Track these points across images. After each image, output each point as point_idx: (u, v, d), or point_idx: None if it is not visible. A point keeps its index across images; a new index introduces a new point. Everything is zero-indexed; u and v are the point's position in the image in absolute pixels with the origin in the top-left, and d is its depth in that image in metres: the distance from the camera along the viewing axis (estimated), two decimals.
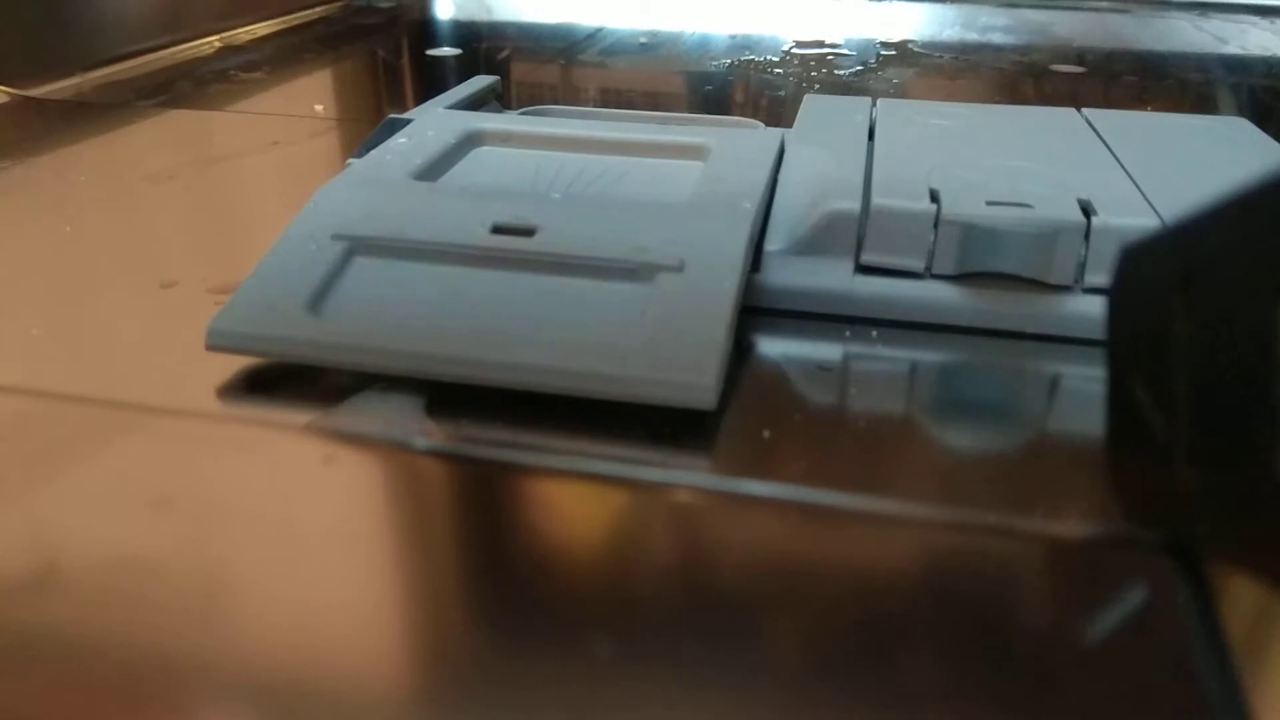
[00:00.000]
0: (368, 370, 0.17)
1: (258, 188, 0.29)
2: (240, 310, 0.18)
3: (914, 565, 0.14)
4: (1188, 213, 0.12)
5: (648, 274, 0.18)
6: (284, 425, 0.17)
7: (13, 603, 0.13)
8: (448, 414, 0.17)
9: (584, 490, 0.16)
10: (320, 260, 0.18)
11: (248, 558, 0.14)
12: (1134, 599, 0.13)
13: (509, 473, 0.16)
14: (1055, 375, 0.19)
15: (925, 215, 0.19)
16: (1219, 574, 0.14)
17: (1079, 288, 0.19)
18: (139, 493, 0.15)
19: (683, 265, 0.18)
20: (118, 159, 0.31)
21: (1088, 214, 0.19)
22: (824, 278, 0.20)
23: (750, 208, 0.20)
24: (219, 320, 0.17)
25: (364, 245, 0.19)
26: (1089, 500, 0.15)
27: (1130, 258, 0.14)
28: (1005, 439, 0.17)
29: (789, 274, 0.20)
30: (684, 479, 0.16)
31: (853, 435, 0.17)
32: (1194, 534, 0.13)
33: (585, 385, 0.16)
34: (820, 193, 0.20)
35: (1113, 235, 0.18)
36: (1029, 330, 0.20)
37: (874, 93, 0.39)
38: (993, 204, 0.19)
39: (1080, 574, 0.14)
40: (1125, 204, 0.20)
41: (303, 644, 0.13)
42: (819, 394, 0.18)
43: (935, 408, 0.18)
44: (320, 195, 0.20)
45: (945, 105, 0.26)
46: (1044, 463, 0.17)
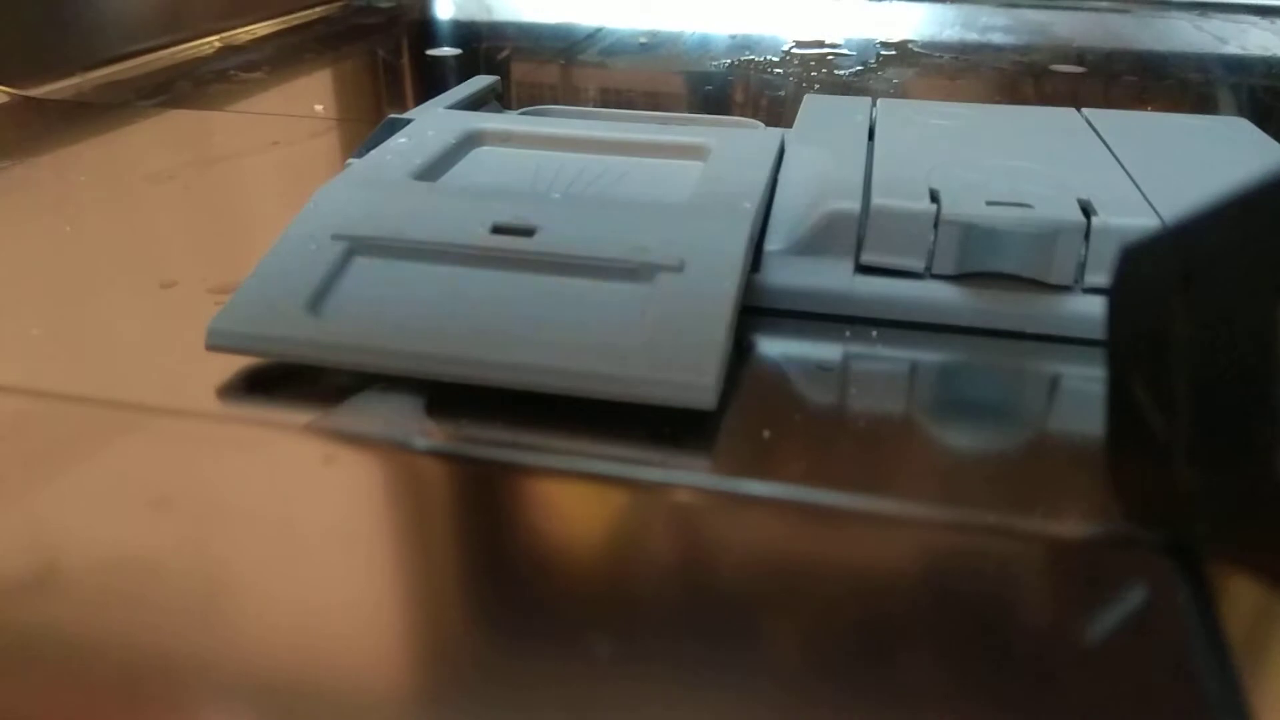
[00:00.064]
0: (368, 370, 0.17)
1: (258, 188, 0.29)
2: (240, 310, 0.18)
3: (914, 565, 0.14)
4: (1188, 213, 0.12)
5: (648, 274, 0.18)
6: (284, 425, 0.17)
7: (13, 603, 0.13)
8: (448, 414, 0.17)
9: (584, 490, 0.16)
10: (320, 260, 0.19)
11: (248, 558, 0.14)
12: (1134, 599, 0.13)
13: (509, 473, 0.16)
14: (1055, 375, 0.19)
15: (925, 215, 0.19)
16: (1219, 574, 0.14)
17: (1079, 288, 0.19)
18: (139, 493, 0.15)
19: (683, 265, 0.18)
20: (118, 159, 0.31)
21: (1088, 214, 0.19)
22: (824, 278, 0.20)
23: (750, 208, 0.20)
24: (219, 320, 0.17)
25: (364, 245, 0.19)
26: (1089, 500, 0.15)
27: (1130, 258, 0.14)
28: (1005, 439, 0.17)
29: (789, 274, 0.20)
30: (684, 479, 0.16)
31: (853, 435, 0.17)
32: (1194, 534, 0.13)
33: (585, 385, 0.16)
34: (820, 193, 0.20)
35: (1113, 235, 0.18)
36: (1029, 330, 0.20)
37: (874, 93, 0.39)
38: (993, 204, 0.19)
39: (1080, 574, 0.14)
40: (1125, 204, 0.20)
41: (303, 644, 0.13)
42: (819, 394, 0.18)
43: (935, 408, 0.18)
44: (320, 195, 0.20)
45: (945, 105, 0.26)
46: (1044, 463, 0.17)
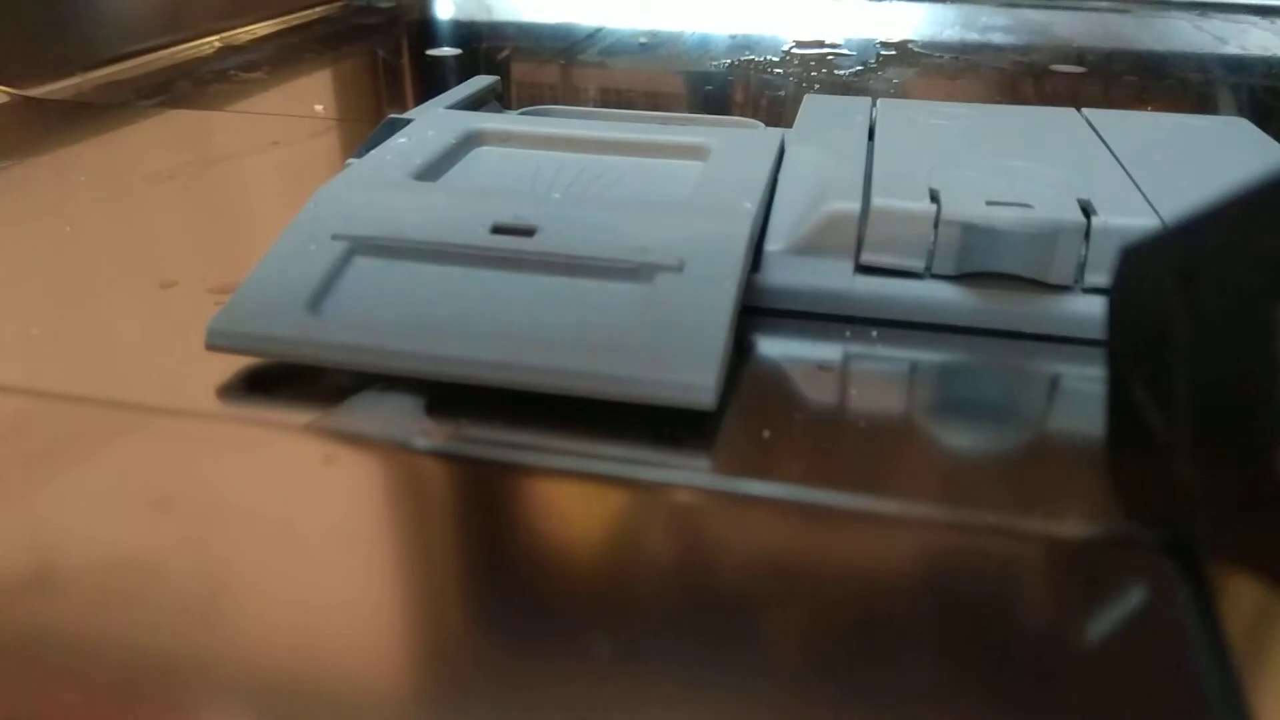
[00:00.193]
0: (368, 370, 0.17)
1: (258, 188, 0.29)
2: (240, 310, 0.18)
3: (914, 565, 0.14)
4: (1188, 213, 0.12)
5: (648, 274, 0.18)
6: (284, 425, 0.17)
7: (13, 603, 0.13)
8: (448, 414, 0.17)
9: (584, 490, 0.16)
10: (320, 260, 0.19)
11: (248, 558, 0.14)
12: (1134, 599, 0.13)
13: (509, 473, 0.16)
14: (1055, 375, 0.19)
15: (925, 215, 0.19)
16: (1219, 574, 0.14)
17: (1079, 288, 0.19)
18: (139, 493, 0.15)
19: (683, 265, 0.18)
20: (118, 159, 0.31)
21: (1088, 214, 0.19)
22: (824, 278, 0.20)
23: (750, 208, 0.20)
24: (219, 320, 0.17)
25: (364, 245, 0.19)
26: (1089, 500, 0.15)
27: (1130, 258, 0.14)
28: (1005, 439, 0.17)
29: (789, 274, 0.20)
30: (684, 479, 0.16)
31: (853, 435, 0.17)
32: (1194, 534, 0.13)
33: (585, 385, 0.16)
34: (820, 193, 0.20)
35: (1113, 235, 0.18)
36: (1029, 330, 0.20)
37: (874, 93, 0.39)
38: (993, 204, 0.19)
39: (1080, 574, 0.14)
40: (1125, 204, 0.20)
41: (303, 644, 0.13)
42: (819, 394, 0.18)
43: (935, 408, 0.18)
44: (320, 195, 0.20)
45: (945, 105, 0.26)
46: (1044, 463, 0.17)
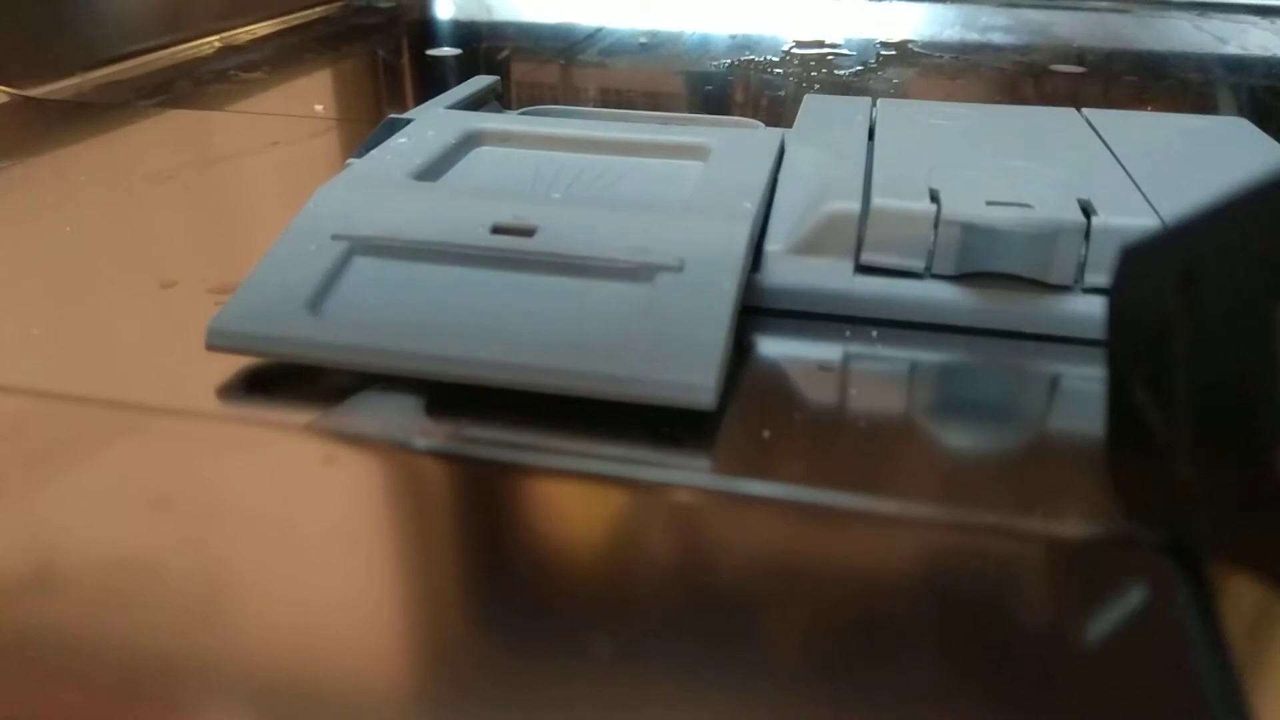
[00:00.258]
0: (368, 370, 0.17)
1: (258, 188, 0.29)
2: (240, 310, 0.18)
3: (914, 565, 0.14)
4: (1188, 213, 0.12)
5: (648, 274, 0.18)
6: (284, 425, 0.17)
7: (13, 603, 0.13)
8: (448, 414, 0.17)
9: (584, 490, 0.16)
10: (320, 260, 0.19)
11: (248, 558, 0.14)
12: (1134, 599, 0.13)
13: (509, 473, 0.16)
14: (1055, 375, 0.19)
15: (925, 215, 0.19)
16: (1219, 574, 0.14)
17: (1079, 288, 0.19)
18: (139, 493, 0.15)
19: (683, 265, 0.18)
20: (118, 159, 0.31)
21: (1088, 214, 0.19)
22: (824, 278, 0.20)
23: (750, 208, 0.20)
24: (219, 320, 0.17)
25: (364, 245, 0.19)
26: (1089, 500, 0.15)
27: (1130, 258, 0.14)
28: (1005, 439, 0.17)
29: (789, 274, 0.20)
30: (684, 479, 0.16)
31: (853, 435, 0.17)
32: (1194, 534, 0.13)
33: (585, 385, 0.16)
34: (820, 193, 0.20)
35: (1113, 235, 0.18)
36: (1029, 330, 0.20)
37: (874, 93, 0.39)
38: (993, 204, 0.19)
39: (1080, 574, 0.14)
40: (1125, 204, 0.20)
41: (303, 644, 0.13)
42: (819, 394, 0.18)
43: (935, 408, 0.18)
44: (320, 195, 0.20)
45: (945, 105, 0.26)
46: (1044, 463, 0.17)
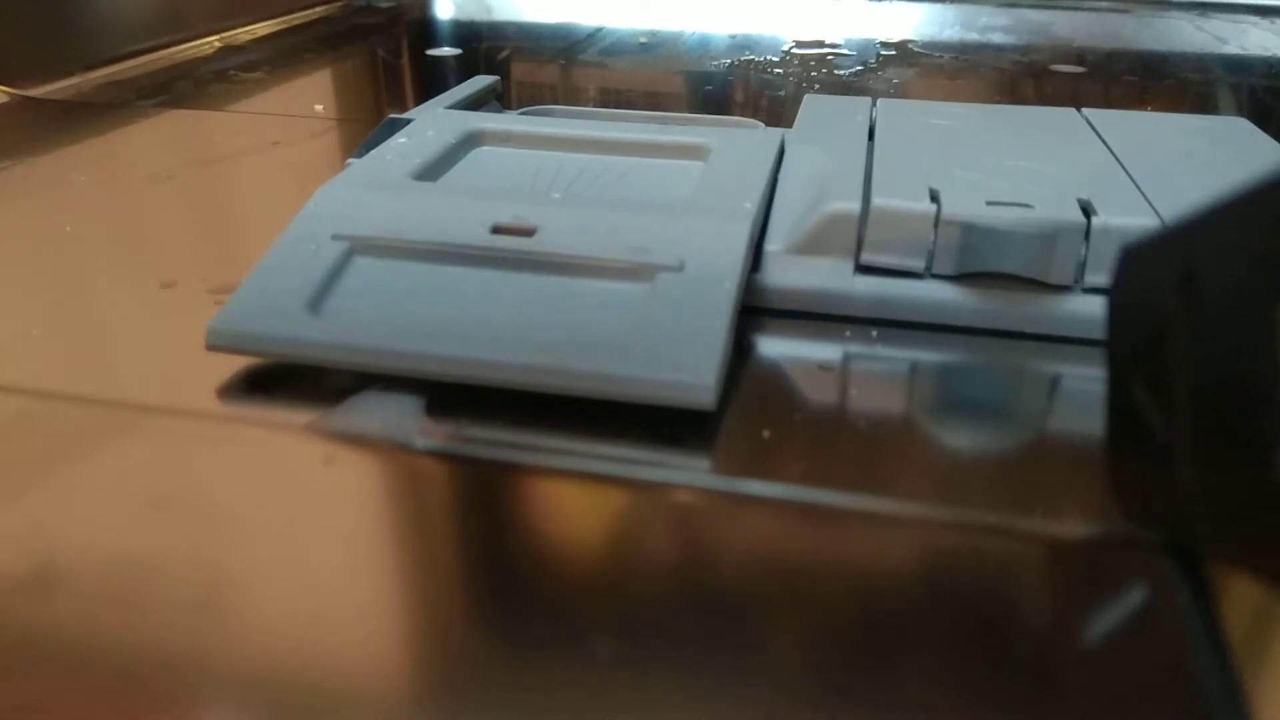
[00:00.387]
0: (368, 370, 0.17)
1: (258, 188, 0.29)
2: (240, 310, 0.18)
3: (914, 565, 0.14)
4: (1188, 213, 0.12)
5: (648, 274, 0.18)
6: (284, 425, 0.17)
7: (13, 603, 0.13)
8: (448, 414, 0.17)
9: (584, 490, 0.16)
10: (320, 260, 0.19)
11: (247, 558, 0.14)
12: (1134, 599, 0.13)
13: (509, 473, 0.16)
14: (1055, 375, 0.19)
15: (925, 215, 0.19)
16: (1219, 574, 0.14)
17: (1079, 288, 0.19)
18: (139, 493, 0.15)
19: (683, 265, 0.18)
20: (118, 159, 0.31)
21: (1088, 214, 0.19)
22: (824, 278, 0.20)
23: (750, 208, 0.20)
24: (219, 320, 0.17)
25: (364, 245, 0.19)
26: (1089, 500, 0.15)
27: (1130, 258, 0.14)
28: (1005, 439, 0.17)
29: (789, 274, 0.20)
30: (684, 479, 0.16)
31: (853, 435, 0.17)
32: (1194, 534, 0.13)
33: (585, 385, 0.16)
34: (820, 193, 0.20)
35: (1113, 235, 0.18)
36: (1029, 330, 0.20)
37: (874, 93, 0.39)
38: (993, 204, 0.19)
39: (1080, 574, 0.14)
40: (1125, 204, 0.20)
41: (303, 644, 0.13)
42: (819, 394, 0.18)
43: (935, 408, 0.18)
44: (320, 195, 0.20)
45: (945, 105, 0.26)
46: (1044, 463, 0.17)
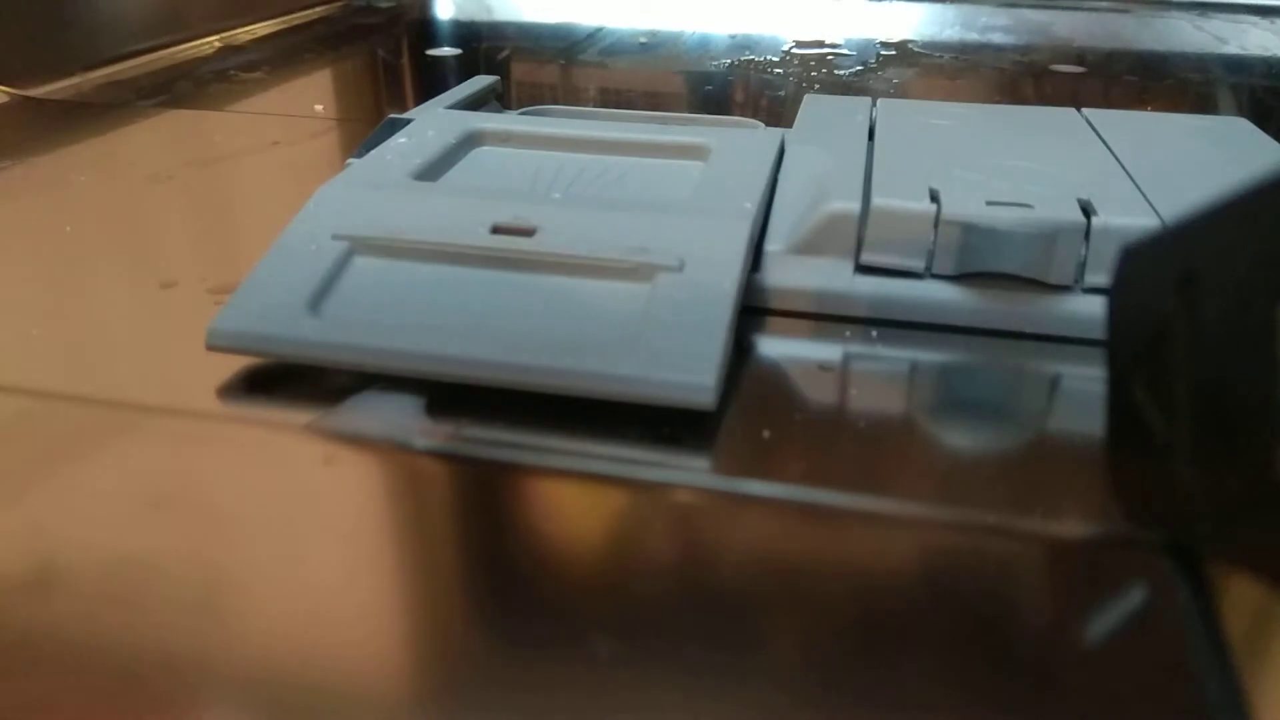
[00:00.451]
0: (368, 370, 0.17)
1: (258, 188, 0.29)
2: (240, 310, 0.18)
3: (914, 565, 0.14)
4: (1188, 213, 0.12)
5: (648, 274, 0.18)
6: (284, 425, 0.17)
7: (13, 603, 0.13)
8: (448, 414, 0.17)
9: (584, 490, 0.16)
10: (320, 260, 0.19)
11: (248, 558, 0.14)
12: (1134, 599, 0.13)
13: (509, 473, 0.16)
14: (1055, 375, 0.19)
15: (925, 215, 0.19)
16: (1219, 574, 0.14)
17: (1079, 288, 0.19)
18: (139, 493, 0.15)
19: (683, 265, 0.18)
20: (118, 159, 0.31)
21: (1088, 214, 0.19)
22: (824, 278, 0.20)
23: (750, 208, 0.20)
24: (219, 320, 0.17)
25: (364, 245, 0.19)
26: (1089, 500, 0.15)
27: (1130, 258, 0.14)
28: (1005, 439, 0.17)
29: (789, 274, 0.20)
30: (684, 479, 0.16)
31: (853, 435, 0.17)
32: (1194, 534, 0.13)
33: (585, 385, 0.16)
34: (820, 193, 0.20)
35: (1113, 235, 0.18)
36: (1029, 330, 0.20)
37: (874, 93, 0.39)
38: (993, 204, 0.19)
39: (1080, 574, 0.14)
40: (1125, 204, 0.20)
41: (303, 644, 0.13)
42: (819, 394, 0.18)
43: (935, 408, 0.18)
44: (320, 195, 0.20)
45: (945, 105, 0.26)
46: (1044, 463, 0.17)
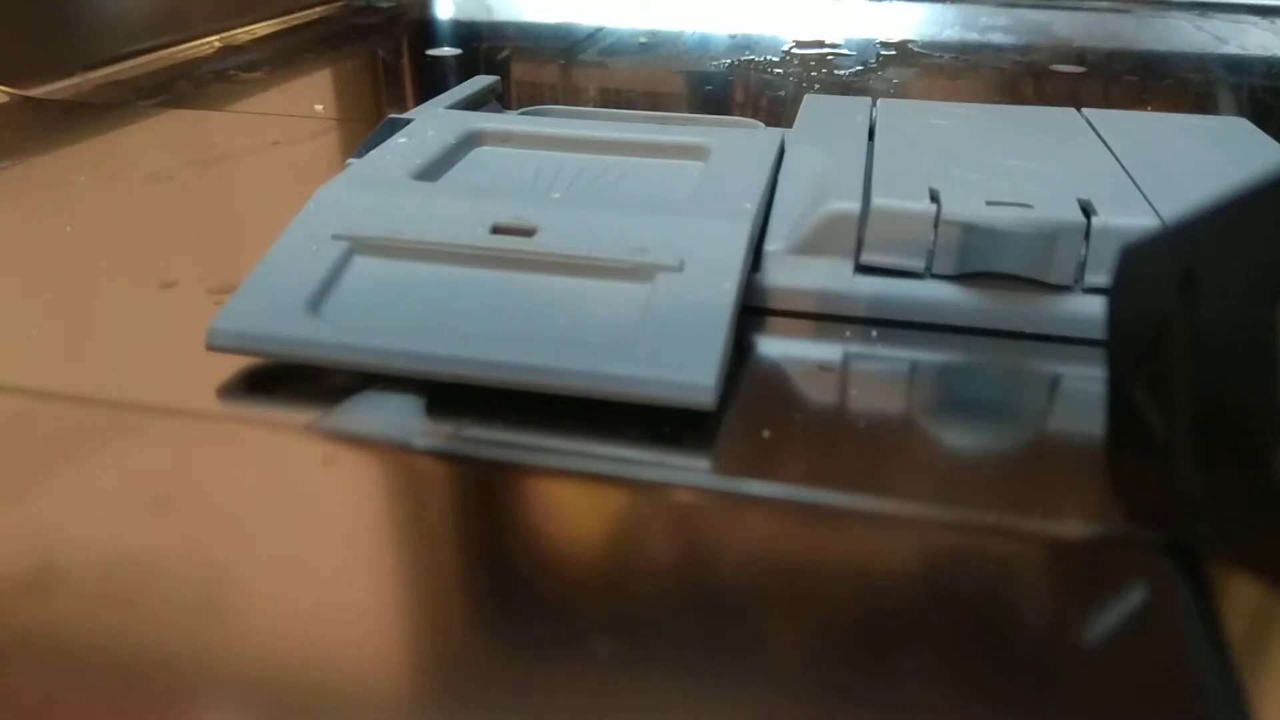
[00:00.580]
0: (368, 370, 0.17)
1: (258, 188, 0.29)
2: (240, 310, 0.18)
3: (914, 565, 0.14)
4: (1188, 213, 0.12)
5: (648, 274, 0.18)
6: (284, 425, 0.17)
7: (13, 603, 0.13)
8: (448, 414, 0.17)
9: (584, 490, 0.16)
10: (320, 260, 0.19)
11: (248, 558, 0.14)
12: (1134, 599, 0.13)
13: (509, 473, 0.16)
14: (1055, 375, 0.19)
15: (925, 215, 0.19)
16: (1219, 574, 0.14)
17: (1079, 288, 0.19)
18: (139, 493, 0.15)
19: (683, 265, 0.18)
20: (118, 159, 0.31)
21: (1088, 214, 0.19)
22: (824, 278, 0.20)
23: (750, 208, 0.20)
24: (219, 320, 0.17)
25: (364, 245, 0.19)
26: (1089, 500, 0.15)
27: (1130, 258, 0.14)
28: (1005, 439, 0.17)
29: (789, 274, 0.20)
30: (684, 479, 0.16)
31: (853, 435, 0.17)
32: (1194, 534, 0.13)
33: (585, 385, 0.16)
34: (820, 193, 0.20)
35: (1113, 235, 0.18)
36: (1029, 330, 0.20)
37: (874, 93, 0.39)
38: (993, 204, 0.19)
39: (1080, 574, 0.14)
40: (1125, 204, 0.20)
41: (303, 644, 0.13)
42: (819, 394, 0.18)
43: (935, 408, 0.18)
44: (320, 195, 0.20)
45: (945, 105, 0.26)
46: (1044, 463, 0.17)
